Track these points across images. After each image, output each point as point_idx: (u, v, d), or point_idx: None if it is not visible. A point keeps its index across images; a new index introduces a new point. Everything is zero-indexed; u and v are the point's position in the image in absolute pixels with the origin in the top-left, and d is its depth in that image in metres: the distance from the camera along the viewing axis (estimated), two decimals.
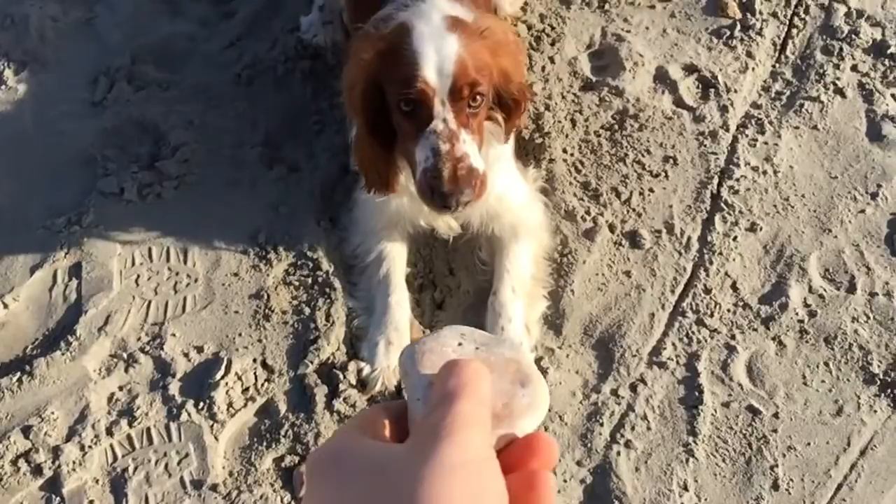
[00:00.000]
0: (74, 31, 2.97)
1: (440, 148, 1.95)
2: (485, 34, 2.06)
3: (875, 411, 2.25)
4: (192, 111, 2.77)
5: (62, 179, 2.67)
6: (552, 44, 2.86)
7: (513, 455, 0.72)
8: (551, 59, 2.83)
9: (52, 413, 2.27)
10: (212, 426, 2.23)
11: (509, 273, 2.41)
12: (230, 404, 2.26)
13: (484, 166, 2.04)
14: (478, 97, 2.00)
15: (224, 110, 2.79)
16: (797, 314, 2.40)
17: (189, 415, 2.25)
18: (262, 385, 2.30)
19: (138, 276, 2.49)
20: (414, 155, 2.03)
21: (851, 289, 2.44)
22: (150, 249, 2.53)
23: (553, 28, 2.90)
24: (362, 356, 2.35)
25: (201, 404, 2.26)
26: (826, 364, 2.33)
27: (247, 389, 2.29)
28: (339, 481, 0.68)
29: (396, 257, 2.46)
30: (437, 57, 1.95)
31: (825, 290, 2.44)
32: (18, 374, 2.33)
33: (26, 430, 2.25)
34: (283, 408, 2.26)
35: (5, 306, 2.45)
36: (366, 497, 0.65)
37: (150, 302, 2.45)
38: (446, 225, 2.41)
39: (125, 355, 2.36)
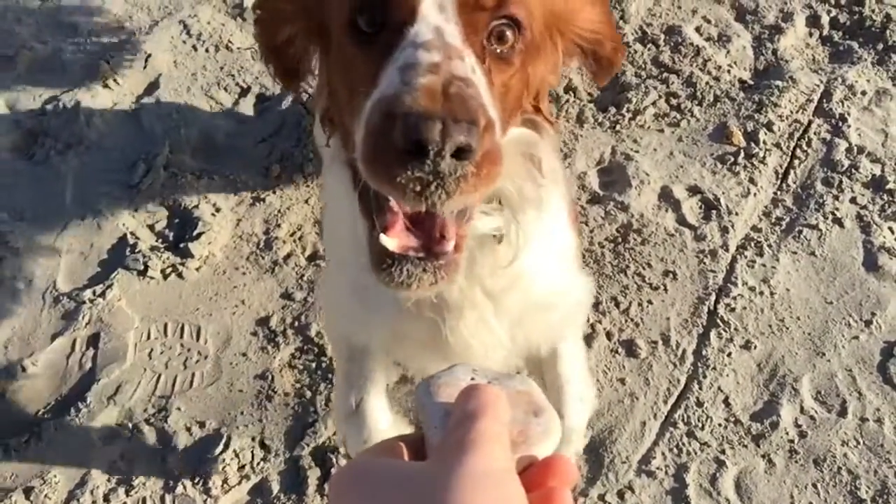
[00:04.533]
0: (120, 120, 3.19)
1: (420, 59, 1.09)
2: None
3: None
4: (220, 199, 2.95)
5: (92, 254, 2.83)
6: (564, 158, 3.02)
7: (531, 475, 0.74)
8: None
9: (55, 476, 2.35)
10: (205, 501, 2.29)
11: (569, 382, 1.91)
12: (225, 480, 2.33)
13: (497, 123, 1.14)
14: (510, 29, 1.23)
15: (251, 200, 2.96)
16: (787, 434, 2.43)
17: (185, 488, 2.31)
18: (258, 464, 2.37)
19: (151, 350, 2.61)
20: (363, 110, 1.13)
21: (843, 412, 2.47)
22: (165, 325, 2.65)
23: (566, 144, 3.07)
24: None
25: (197, 479, 2.33)
26: (815, 486, 2.35)
27: (243, 467, 2.35)
28: (365, 494, 0.69)
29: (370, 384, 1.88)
30: None
31: (816, 411, 2.48)
32: (27, 435, 2.43)
33: (28, 491, 2.33)
34: (275, 488, 2.32)
35: (24, 370, 2.56)
36: None
37: (159, 375, 2.55)
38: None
39: (130, 425, 2.45)
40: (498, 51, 1.22)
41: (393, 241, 1.19)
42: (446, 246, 1.21)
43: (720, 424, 2.46)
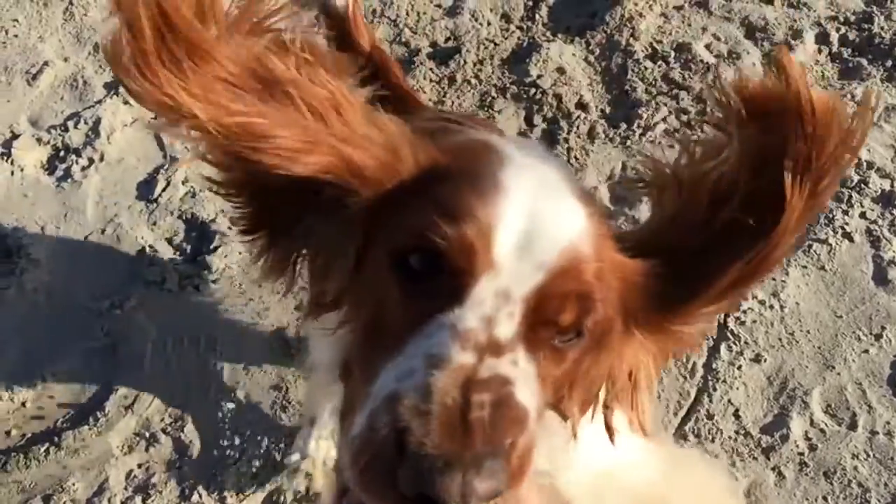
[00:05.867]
0: (140, 136, 3.26)
1: (450, 356, 0.97)
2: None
3: None
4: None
5: (111, 266, 2.89)
6: (575, 173, 3.06)
7: None
8: None
9: (73, 484, 2.40)
10: None
11: None
12: (240, 490, 2.36)
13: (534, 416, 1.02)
14: (579, 328, 1.08)
15: None
16: (798, 446, 2.44)
17: (200, 496, 2.35)
18: (273, 473, 2.40)
19: (168, 361, 2.65)
20: (381, 366, 1.02)
21: (853, 426, 2.49)
22: (182, 337, 2.70)
23: (577, 159, 3.11)
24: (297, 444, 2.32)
25: (213, 487, 2.37)
26: (825, 498, 2.36)
27: (257, 475, 2.39)
28: None
29: None
30: (532, 211, 1.05)
31: (826, 424, 2.49)
32: (47, 444, 2.47)
33: (46, 499, 2.37)
34: (290, 497, 2.35)
35: (44, 380, 2.61)
36: None
37: (176, 385, 2.60)
38: None
39: (147, 434, 2.49)
40: (556, 341, 1.07)
41: None
42: None
43: (730, 437, 2.47)
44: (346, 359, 1.17)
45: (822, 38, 3.46)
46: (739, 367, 2.60)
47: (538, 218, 1.04)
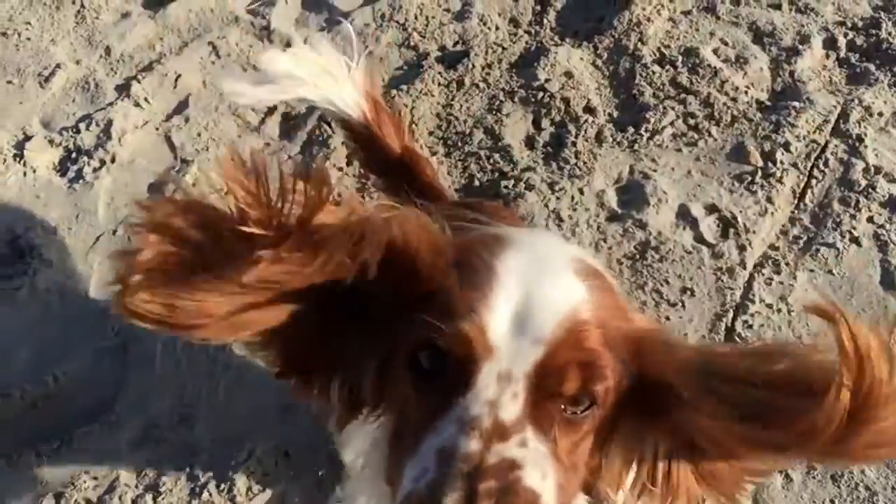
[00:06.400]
0: (151, 138, 3.29)
1: (455, 448, 1.01)
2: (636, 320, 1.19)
3: None
4: None
5: None
6: (582, 177, 3.07)
7: None
8: (580, 191, 3.03)
9: (84, 482, 2.42)
10: None
11: None
12: (249, 488, 2.38)
13: None
14: (587, 396, 1.09)
15: None
16: None
17: (210, 494, 2.37)
18: (282, 473, 2.42)
19: (178, 361, 2.67)
20: (405, 465, 1.07)
21: None
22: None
23: (585, 163, 3.12)
24: None
25: (222, 486, 2.38)
26: (832, 501, 2.37)
27: (267, 475, 2.40)
28: None
29: None
30: (525, 290, 1.09)
31: None
32: (58, 442, 2.50)
33: (58, 496, 2.40)
34: (299, 496, 2.37)
35: (56, 379, 2.63)
36: None
37: (186, 385, 2.62)
38: None
39: (157, 433, 2.51)
40: (568, 413, 1.08)
41: None
42: None
43: None
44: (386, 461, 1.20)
45: (830, 44, 3.48)
46: None
47: (531, 296, 1.08)
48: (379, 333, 1.15)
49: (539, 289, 1.09)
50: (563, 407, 1.08)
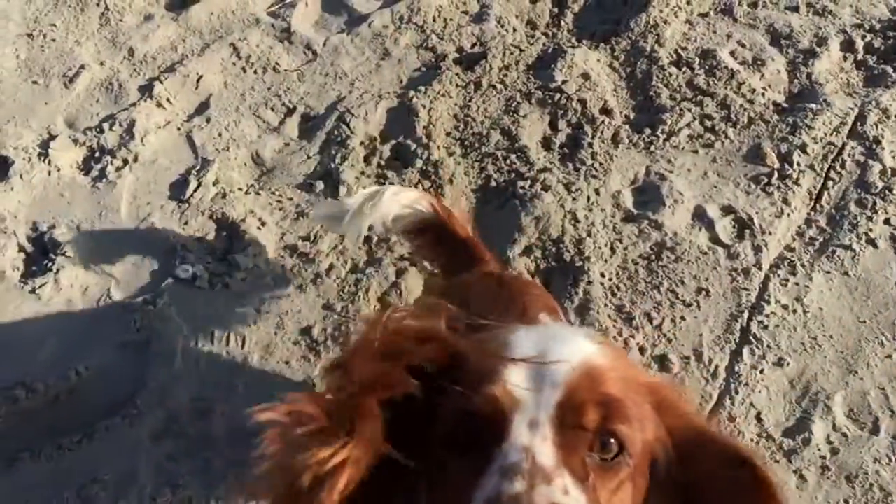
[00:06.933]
0: (173, 138, 3.34)
1: (504, 492, 1.03)
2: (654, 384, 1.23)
3: None
4: (266, 214, 3.07)
5: (144, 264, 2.96)
6: (599, 177, 3.09)
7: None
8: (597, 191, 3.05)
9: (105, 475, 2.46)
10: (247, 500, 2.38)
11: None
12: None
13: None
14: (612, 436, 1.11)
15: (295, 215, 3.07)
16: (820, 450, 2.45)
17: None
18: None
19: (198, 357, 2.71)
20: None
21: (875, 430, 2.49)
22: (212, 333, 2.76)
23: (601, 164, 3.14)
24: None
25: (240, 478, 2.42)
26: (846, 502, 2.37)
27: None
28: None
29: None
30: (540, 349, 1.15)
31: (849, 429, 2.50)
32: (80, 435, 2.54)
33: (79, 489, 2.43)
34: None
35: (78, 374, 2.68)
36: None
37: (205, 381, 2.66)
38: None
39: (176, 427, 2.55)
40: (601, 460, 1.11)
41: None
42: None
43: (752, 440, 2.48)
44: None
45: (848, 46, 3.48)
46: (762, 371, 2.61)
47: (546, 347, 1.15)
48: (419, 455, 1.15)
49: (552, 347, 1.15)
50: (591, 448, 1.10)
